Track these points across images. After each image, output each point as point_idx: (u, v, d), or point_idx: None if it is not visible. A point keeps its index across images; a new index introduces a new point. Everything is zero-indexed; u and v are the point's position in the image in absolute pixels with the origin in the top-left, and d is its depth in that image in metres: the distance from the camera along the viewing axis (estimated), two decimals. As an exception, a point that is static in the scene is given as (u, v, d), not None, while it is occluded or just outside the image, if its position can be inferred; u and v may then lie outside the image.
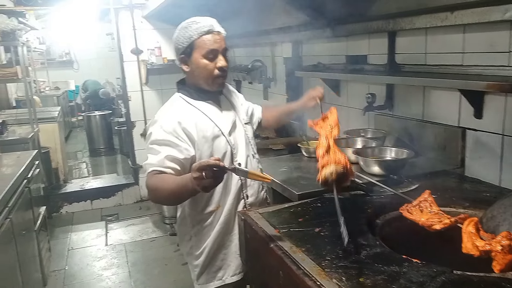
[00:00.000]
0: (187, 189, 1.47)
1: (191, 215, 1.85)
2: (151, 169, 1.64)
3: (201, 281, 1.91)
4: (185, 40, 1.68)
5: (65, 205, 5.05)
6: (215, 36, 1.68)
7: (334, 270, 1.15)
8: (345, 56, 2.92)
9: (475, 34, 1.94)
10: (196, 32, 1.67)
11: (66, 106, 9.37)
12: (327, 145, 1.50)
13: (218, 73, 1.72)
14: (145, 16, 4.82)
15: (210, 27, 1.68)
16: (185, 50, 1.70)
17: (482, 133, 1.98)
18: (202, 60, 1.69)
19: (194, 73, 1.74)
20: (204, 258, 1.87)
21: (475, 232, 1.23)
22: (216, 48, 1.69)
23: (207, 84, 1.75)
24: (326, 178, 1.30)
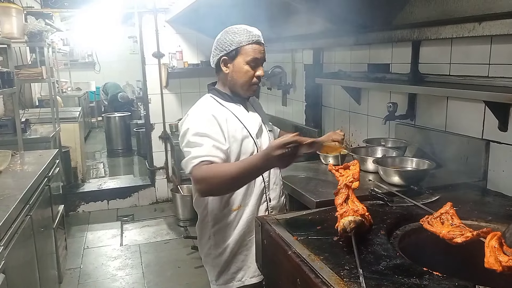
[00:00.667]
0: (256, 169, 1.58)
1: (212, 214, 1.87)
2: (199, 160, 1.65)
3: (220, 282, 1.92)
4: (233, 43, 1.77)
5: (82, 204, 5.12)
6: (260, 47, 1.80)
7: (353, 280, 1.14)
8: (367, 64, 2.90)
9: (503, 45, 1.90)
10: (247, 39, 1.76)
11: (87, 106, 9.54)
12: (347, 194, 1.51)
13: (256, 80, 1.82)
14: (168, 21, 4.89)
15: (259, 38, 1.80)
16: (229, 53, 1.78)
17: (506, 146, 1.93)
18: (245, 65, 1.78)
19: (234, 75, 1.82)
20: (224, 258, 1.88)
21: (498, 247, 1.20)
22: (259, 58, 1.80)
23: (243, 89, 1.83)
24: (344, 227, 1.31)
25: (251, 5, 3.18)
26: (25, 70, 4.16)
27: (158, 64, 4.98)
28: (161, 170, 5.28)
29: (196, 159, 1.66)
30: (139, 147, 7.36)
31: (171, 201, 5.08)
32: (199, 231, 1.98)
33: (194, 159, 1.66)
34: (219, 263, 1.90)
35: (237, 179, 1.63)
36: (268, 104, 4.69)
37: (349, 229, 1.31)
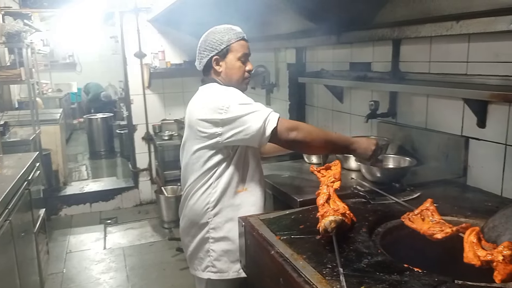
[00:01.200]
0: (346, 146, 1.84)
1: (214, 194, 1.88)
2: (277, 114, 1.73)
3: (214, 269, 1.91)
4: (223, 42, 1.86)
5: (64, 208, 5.04)
6: (247, 43, 1.92)
7: (335, 278, 1.14)
8: (349, 63, 2.92)
9: (480, 43, 1.93)
10: (235, 37, 1.87)
11: (68, 108, 9.38)
12: (328, 194, 1.53)
13: (247, 74, 1.94)
14: (149, 20, 4.84)
15: (244, 35, 1.92)
16: (221, 51, 1.87)
17: (485, 142, 1.97)
18: (237, 62, 1.89)
19: (227, 72, 1.90)
20: (224, 243, 1.89)
21: (476, 242, 1.22)
22: (248, 53, 1.92)
23: (237, 83, 1.92)
24: (325, 227, 1.32)
25: (233, 4, 3.17)
26: (3, 72, 4.08)
27: (140, 64, 4.92)
28: (144, 171, 5.23)
29: (274, 113, 1.73)
30: (122, 148, 7.28)
31: (155, 203, 5.03)
32: (190, 218, 1.95)
33: (273, 112, 1.73)
34: (216, 248, 1.90)
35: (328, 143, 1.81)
36: (251, 104, 4.68)
37: (330, 229, 1.32)
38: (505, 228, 1.26)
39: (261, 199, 1.97)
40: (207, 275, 1.93)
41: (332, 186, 1.60)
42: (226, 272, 1.92)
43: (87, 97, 9.94)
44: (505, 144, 1.87)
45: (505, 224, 1.27)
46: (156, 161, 5.15)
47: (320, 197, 1.55)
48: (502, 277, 1.11)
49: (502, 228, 1.27)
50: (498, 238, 1.25)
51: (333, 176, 1.66)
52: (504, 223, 1.28)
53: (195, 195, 1.92)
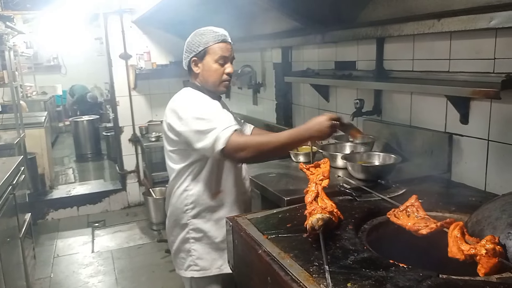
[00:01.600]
0: (301, 139, 1.76)
1: (191, 197, 1.91)
2: (233, 128, 1.71)
3: (197, 268, 1.94)
4: (201, 44, 1.86)
5: (51, 212, 4.97)
6: (227, 45, 1.89)
7: (322, 276, 1.15)
8: (334, 62, 2.94)
9: (461, 41, 1.96)
10: (213, 39, 1.86)
11: (53, 111, 9.27)
12: (316, 192, 1.54)
13: (226, 77, 1.91)
14: (134, 21, 4.81)
15: (225, 37, 1.89)
16: (198, 53, 1.87)
17: (468, 138, 2.00)
18: (214, 64, 1.87)
19: (204, 74, 1.90)
20: (204, 243, 1.93)
21: (460, 236, 1.24)
22: (227, 56, 1.89)
23: (214, 86, 1.91)
24: (312, 225, 1.33)
25: (218, 5, 3.17)
26: (-15, 75, 4.01)
27: (125, 66, 4.89)
28: (132, 173, 5.19)
29: (227, 129, 1.70)
30: (109, 151, 7.22)
31: (144, 205, 5.00)
32: (173, 218, 1.98)
33: (224, 129, 1.70)
34: (197, 248, 1.93)
35: (284, 146, 1.76)
36: (239, 104, 4.69)
37: (317, 226, 1.33)
38: (488, 223, 1.28)
39: (239, 200, 1.98)
40: (190, 273, 1.97)
41: (320, 184, 1.61)
42: (208, 269, 1.96)
43: (73, 99, 9.82)
44: (487, 139, 1.90)
45: (488, 219, 1.30)
46: (144, 162, 5.12)
47: (308, 195, 1.56)
48: (485, 271, 1.14)
49: (485, 222, 1.29)
50: (481, 232, 1.27)
51: (322, 174, 1.67)
52: (487, 218, 1.30)
53: (174, 196, 1.96)
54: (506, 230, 1.20)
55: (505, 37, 1.76)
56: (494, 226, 1.24)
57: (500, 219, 1.25)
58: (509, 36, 1.73)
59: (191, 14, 3.31)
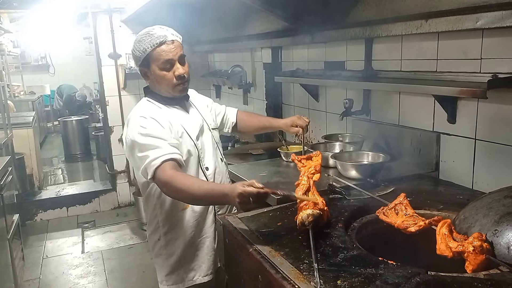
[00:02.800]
0: (222, 201, 1.62)
1: (162, 215, 1.87)
2: (161, 160, 1.61)
3: (170, 282, 1.91)
4: (140, 53, 1.72)
5: (40, 213, 4.92)
6: (169, 46, 1.71)
7: (312, 273, 1.16)
8: (324, 62, 2.95)
9: (449, 41, 1.99)
10: (150, 45, 1.70)
11: (42, 111, 9.18)
12: (308, 186, 1.55)
13: (176, 81, 1.76)
14: (123, 20, 4.77)
15: (163, 38, 1.71)
16: (142, 63, 1.75)
17: (455, 137, 2.03)
18: (160, 71, 1.73)
19: (155, 83, 1.79)
20: (175, 258, 1.89)
21: (448, 234, 1.26)
22: (171, 58, 1.72)
23: (168, 92, 1.80)
24: (303, 220, 1.35)
25: (207, 5, 3.17)
26: (-29, 74, 3.95)
27: (114, 65, 4.86)
28: (122, 173, 5.16)
29: (156, 160, 1.62)
30: (98, 151, 7.16)
31: (134, 205, 4.98)
32: (149, 232, 1.97)
33: (154, 160, 1.62)
34: (169, 264, 1.90)
35: (196, 200, 1.64)
36: (229, 104, 4.64)
37: (307, 222, 1.34)
38: (475, 220, 1.30)
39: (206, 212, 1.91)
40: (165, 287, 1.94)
41: (312, 178, 1.61)
42: (181, 283, 1.91)
43: (61, 99, 9.71)
44: (474, 138, 1.93)
45: (475, 216, 1.32)
46: (134, 163, 5.09)
47: (299, 188, 1.56)
48: (473, 267, 1.16)
49: (473, 220, 1.31)
50: (468, 230, 1.29)
51: (314, 167, 1.68)
52: (474, 215, 1.33)
53: (147, 209, 1.94)
54: (493, 228, 1.22)
55: (491, 37, 1.79)
56: (481, 223, 1.27)
57: (487, 217, 1.27)
58: (495, 36, 1.76)
59: (180, 14, 3.30)
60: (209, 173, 1.90)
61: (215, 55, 5.08)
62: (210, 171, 1.90)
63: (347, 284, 1.10)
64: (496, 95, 1.72)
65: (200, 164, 1.87)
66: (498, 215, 1.25)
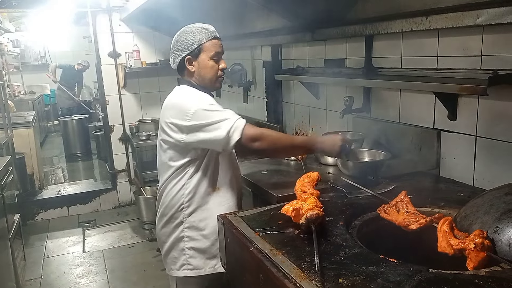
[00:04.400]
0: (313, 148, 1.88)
1: (188, 195, 1.90)
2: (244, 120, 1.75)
3: (190, 267, 1.93)
4: (194, 42, 1.85)
5: (41, 212, 4.93)
6: (219, 41, 1.91)
7: (314, 272, 1.16)
8: (324, 59, 2.95)
9: (449, 38, 1.99)
10: (206, 36, 1.86)
11: (42, 110, 9.17)
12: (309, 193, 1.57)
13: (221, 73, 1.93)
14: (123, 19, 4.77)
15: (215, 33, 1.90)
16: (193, 51, 1.86)
17: (456, 134, 2.03)
18: (210, 61, 1.88)
19: (201, 72, 1.90)
20: (199, 242, 1.92)
21: (449, 231, 1.26)
22: (220, 51, 1.91)
23: (211, 82, 1.92)
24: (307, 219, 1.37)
25: (208, 3, 3.17)
26: (-29, 74, 3.95)
27: (114, 64, 4.85)
28: (122, 173, 5.16)
29: (240, 120, 1.75)
30: (98, 150, 7.16)
31: (135, 204, 4.98)
32: (167, 217, 1.96)
33: (238, 120, 1.74)
34: (192, 247, 1.92)
35: (294, 146, 1.87)
36: (229, 102, 4.68)
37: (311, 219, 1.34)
38: (477, 217, 1.30)
39: (234, 198, 1.99)
40: (183, 273, 1.95)
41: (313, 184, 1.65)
42: (202, 269, 1.94)
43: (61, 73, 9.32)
44: (475, 135, 1.93)
45: (477, 213, 1.31)
46: (134, 161, 5.09)
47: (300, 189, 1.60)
48: (474, 265, 1.15)
49: (474, 217, 1.31)
50: (470, 227, 1.29)
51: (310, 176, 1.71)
52: (475, 212, 1.32)
53: (169, 194, 1.94)
54: (494, 225, 1.22)
55: (491, 34, 1.78)
56: (483, 220, 1.26)
57: (488, 214, 1.27)
58: (495, 33, 1.76)
59: (180, 12, 3.30)
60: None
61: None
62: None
63: (349, 282, 1.10)
64: (496, 92, 1.71)
65: None
66: (499, 212, 1.24)
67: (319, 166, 2.30)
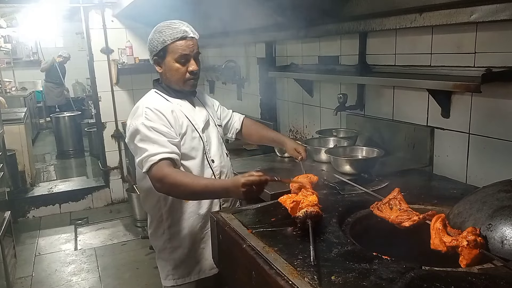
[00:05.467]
0: (223, 194, 1.71)
1: (166, 207, 1.87)
2: (159, 157, 1.65)
3: (176, 276, 1.91)
4: (159, 43, 1.77)
5: (32, 210, 4.89)
6: (188, 42, 1.77)
7: (306, 269, 1.15)
8: (318, 56, 2.94)
9: (443, 35, 1.98)
10: (170, 38, 1.75)
11: (34, 107, 9.08)
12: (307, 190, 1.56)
13: (189, 76, 1.81)
14: (116, 15, 4.73)
15: (184, 33, 1.76)
16: (158, 53, 1.79)
17: (449, 132, 2.03)
18: (175, 64, 1.78)
19: (167, 74, 1.82)
20: (181, 251, 1.89)
21: (442, 228, 1.26)
22: (188, 53, 1.77)
23: (179, 85, 1.84)
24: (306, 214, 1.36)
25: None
26: (-39, 70, 3.89)
27: (107, 61, 4.81)
28: (115, 170, 5.13)
29: (155, 156, 1.65)
30: (91, 147, 7.11)
31: (127, 202, 4.95)
32: (152, 227, 1.96)
33: (152, 156, 1.65)
34: (175, 257, 1.90)
35: (197, 195, 1.71)
36: (223, 99, 4.66)
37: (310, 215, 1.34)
38: (469, 214, 1.30)
39: (211, 204, 1.92)
40: (170, 282, 1.94)
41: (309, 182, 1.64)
42: (188, 277, 1.93)
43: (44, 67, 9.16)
44: (468, 133, 1.93)
45: (469, 210, 1.31)
46: (127, 159, 5.06)
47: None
48: (467, 262, 1.15)
49: (467, 214, 1.31)
50: (462, 224, 1.29)
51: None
52: (468, 210, 1.32)
53: (149, 204, 1.93)
54: (487, 222, 1.22)
55: (485, 31, 1.78)
56: (475, 218, 1.26)
57: (481, 211, 1.26)
58: (489, 30, 1.76)
59: (173, 8, 3.27)
60: (215, 165, 1.90)
61: (208, 50, 5.04)
62: (216, 164, 1.91)
63: (341, 280, 1.09)
64: (490, 89, 1.71)
65: (206, 156, 1.88)
66: (492, 209, 1.24)
67: (312, 163, 2.29)
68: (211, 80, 4.90)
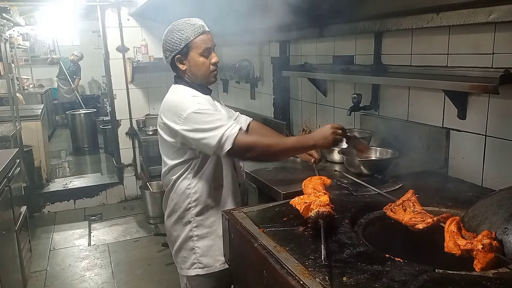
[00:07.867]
0: (306, 146, 1.81)
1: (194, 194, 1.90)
2: (237, 128, 1.71)
3: (201, 265, 1.94)
4: (181, 41, 1.81)
5: (48, 205, 4.96)
6: (208, 35, 1.85)
7: (318, 269, 1.15)
8: (332, 56, 2.92)
9: (460, 35, 1.95)
10: (193, 34, 1.81)
11: (50, 104, 9.22)
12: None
13: (213, 68, 1.89)
14: (131, 14, 4.77)
15: (203, 27, 1.85)
16: (181, 50, 1.83)
17: (465, 133, 2.00)
18: (200, 58, 1.84)
19: (192, 69, 1.87)
20: (209, 239, 1.92)
21: (457, 231, 1.24)
22: (210, 46, 1.86)
23: (205, 78, 1.90)
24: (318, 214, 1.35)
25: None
26: (-20, 67, 3.97)
27: (122, 59, 4.86)
28: (129, 167, 5.17)
29: (232, 129, 1.70)
30: (106, 144, 7.20)
31: (141, 199, 5.00)
32: (174, 217, 1.96)
33: (230, 130, 1.70)
34: (202, 245, 1.92)
35: (287, 151, 1.84)
36: (236, 98, 4.67)
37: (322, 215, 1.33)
38: (485, 218, 1.28)
39: (238, 193, 1.99)
40: (194, 271, 1.96)
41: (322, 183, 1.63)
42: (213, 266, 1.95)
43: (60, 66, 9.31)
44: (485, 135, 1.90)
45: (485, 214, 1.29)
46: (141, 156, 5.10)
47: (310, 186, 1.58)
48: (481, 266, 1.13)
49: (482, 217, 1.29)
50: (478, 227, 1.27)
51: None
52: (483, 213, 1.30)
53: (175, 193, 1.94)
54: (503, 225, 1.20)
55: (504, 32, 1.75)
56: (491, 221, 1.24)
57: (497, 214, 1.24)
58: (508, 30, 1.73)
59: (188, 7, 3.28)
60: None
61: (223, 49, 5.05)
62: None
63: (353, 281, 1.08)
64: (508, 91, 1.68)
65: None
66: (508, 213, 1.22)
67: (325, 163, 2.28)
68: (224, 79, 4.92)
